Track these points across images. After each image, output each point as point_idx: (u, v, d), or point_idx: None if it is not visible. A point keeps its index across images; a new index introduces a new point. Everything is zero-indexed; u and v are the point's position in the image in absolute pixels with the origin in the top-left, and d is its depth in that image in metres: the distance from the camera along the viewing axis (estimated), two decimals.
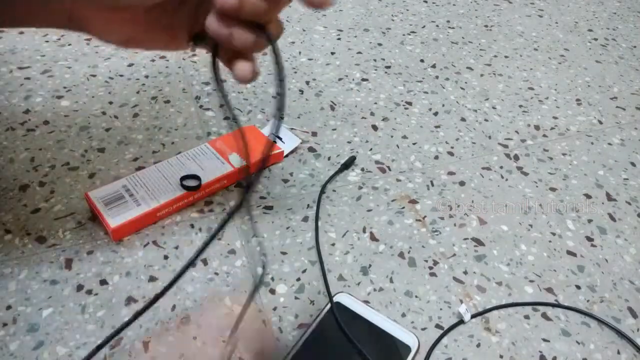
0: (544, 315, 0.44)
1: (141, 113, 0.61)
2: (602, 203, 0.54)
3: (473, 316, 0.43)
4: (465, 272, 0.46)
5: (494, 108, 0.67)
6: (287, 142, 0.57)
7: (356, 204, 0.52)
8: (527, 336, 0.42)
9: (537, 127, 0.64)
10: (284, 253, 0.47)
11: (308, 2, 0.31)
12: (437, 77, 0.72)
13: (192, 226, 0.48)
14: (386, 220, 0.50)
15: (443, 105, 0.66)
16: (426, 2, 0.91)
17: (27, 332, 0.40)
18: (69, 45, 0.71)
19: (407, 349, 0.39)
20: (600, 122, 0.66)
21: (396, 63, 0.74)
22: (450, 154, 0.59)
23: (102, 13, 0.34)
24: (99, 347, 0.37)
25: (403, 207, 0.52)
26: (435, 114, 0.65)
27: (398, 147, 0.59)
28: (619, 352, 0.41)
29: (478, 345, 0.41)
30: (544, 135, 0.63)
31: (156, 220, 0.48)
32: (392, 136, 0.61)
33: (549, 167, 0.58)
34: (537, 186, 0.56)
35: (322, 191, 0.52)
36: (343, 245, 0.48)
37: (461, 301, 0.44)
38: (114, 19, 0.34)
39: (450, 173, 0.57)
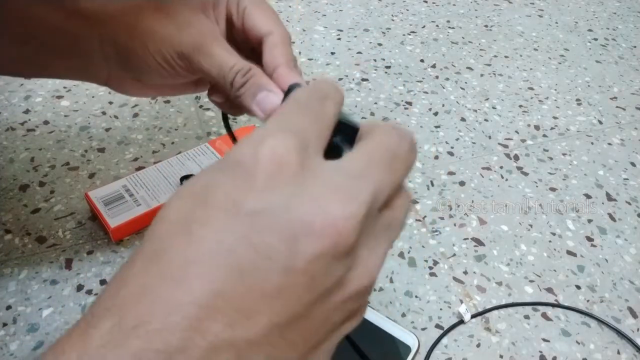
0: (544, 315, 0.44)
1: (141, 113, 0.61)
2: (602, 203, 0.54)
3: (473, 316, 0.43)
4: (465, 272, 0.46)
5: (494, 108, 0.67)
6: None
7: None
8: (527, 336, 0.42)
9: (537, 127, 0.64)
10: None
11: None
12: (437, 77, 0.72)
13: None
14: None
15: (443, 105, 0.66)
16: (426, 2, 0.91)
17: (27, 332, 0.40)
18: None
19: (407, 349, 0.39)
20: (600, 122, 0.66)
21: (396, 63, 0.74)
22: (450, 154, 0.59)
23: (134, 85, 0.38)
24: None
25: None
26: (435, 114, 0.65)
27: None
28: (619, 352, 0.41)
29: (478, 345, 0.41)
30: (544, 135, 0.63)
31: None
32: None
33: (549, 167, 0.58)
34: (537, 186, 0.56)
35: None
36: None
37: (461, 301, 0.44)
38: (145, 88, 0.39)
39: (450, 173, 0.57)
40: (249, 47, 0.36)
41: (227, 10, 0.36)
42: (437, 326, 0.42)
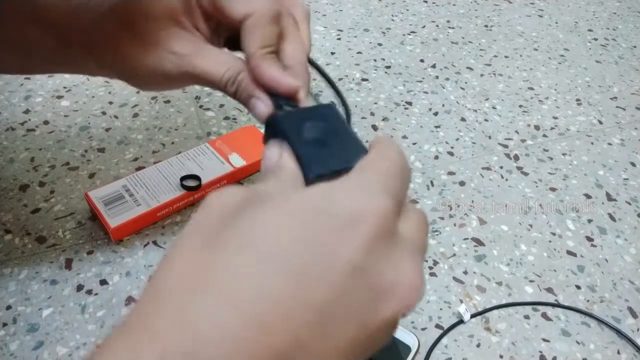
0: (544, 315, 0.44)
1: (141, 113, 0.61)
2: (602, 203, 0.54)
3: (473, 316, 0.43)
4: (465, 272, 0.46)
5: (494, 108, 0.67)
6: None
7: None
8: (527, 336, 0.42)
9: (537, 127, 0.64)
10: None
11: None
12: (437, 77, 0.72)
13: None
14: None
15: (443, 105, 0.66)
16: (426, 2, 0.91)
17: (27, 332, 0.40)
18: None
19: (407, 349, 0.39)
20: (600, 122, 0.66)
21: (396, 63, 0.74)
22: (450, 154, 0.59)
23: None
24: None
25: None
26: (435, 114, 0.65)
27: None
28: (619, 352, 0.41)
29: (478, 345, 0.41)
30: (544, 135, 0.63)
31: (156, 220, 0.48)
32: (392, 136, 0.61)
33: (549, 167, 0.58)
34: (537, 186, 0.56)
35: None
36: None
37: (461, 301, 0.44)
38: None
39: (450, 173, 0.57)
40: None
41: (199, 7, 0.34)
42: (437, 326, 0.42)
